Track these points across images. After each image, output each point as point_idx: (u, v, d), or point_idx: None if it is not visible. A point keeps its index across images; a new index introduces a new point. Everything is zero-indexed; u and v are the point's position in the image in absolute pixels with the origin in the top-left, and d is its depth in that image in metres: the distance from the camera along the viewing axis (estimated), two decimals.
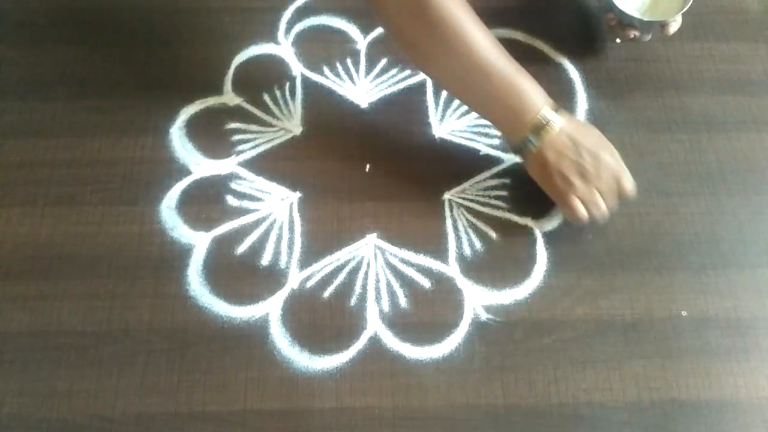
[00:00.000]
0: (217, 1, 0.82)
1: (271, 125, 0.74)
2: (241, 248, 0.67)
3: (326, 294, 0.65)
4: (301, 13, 0.82)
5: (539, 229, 0.69)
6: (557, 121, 0.62)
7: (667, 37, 0.75)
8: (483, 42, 0.61)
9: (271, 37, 0.80)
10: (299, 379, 0.61)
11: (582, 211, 0.63)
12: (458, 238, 0.68)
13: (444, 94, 0.77)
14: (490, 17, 0.76)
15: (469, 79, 0.62)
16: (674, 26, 0.74)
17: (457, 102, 0.76)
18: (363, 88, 0.77)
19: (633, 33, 0.75)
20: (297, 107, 0.75)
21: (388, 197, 0.70)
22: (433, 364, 0.62)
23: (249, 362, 0.61)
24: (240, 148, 0.72)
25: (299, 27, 0.81)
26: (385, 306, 0.64)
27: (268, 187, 0.70)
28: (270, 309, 0.64)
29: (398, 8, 0.60)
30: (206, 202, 0.69)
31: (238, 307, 0.64)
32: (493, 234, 0.68)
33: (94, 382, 0.60)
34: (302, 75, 0.77)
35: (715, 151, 0.74)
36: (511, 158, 0.73)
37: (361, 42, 0.80)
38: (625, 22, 0.75)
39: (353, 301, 0.64)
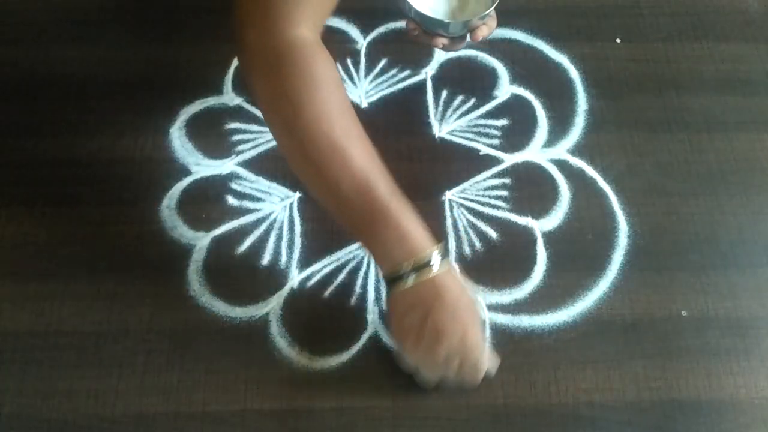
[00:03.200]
0: (217, 1, 0.82)
1: None
2: (241, 248, 0.67)
3: (326, 294, 0.65)
4: None
5: (539, 229, 0.69)
6: (439, 267, 0.53)
7: (476, 42, 0.67)
8: (361, 162, 0.52)
9: None
10: (299, 379, 0.61)
11: (417, 372, 0.57)
12: (458, 238, 0.68)
13: (444, 94, 0.77)
14: None
15: (343, 201, 0.53)
16: (485, 30, 0.66)
17: (457, 102, 0.76)
18: (363, 88, 0.77)
19: (441, 41, 0.66)
20: None
21: None
22: None
23: (249, 362, 0.61)
24: (240, 148, 0.72)
25: None
26: (385, 306, 0.64)
27: (268, 187, 0.70)
28: (270, 309, 0.64)
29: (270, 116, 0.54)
30: (206, 202, 0.69)
31: (238, 307, 0.64)
32: (493, 234, 0.68)
33: (94, 382, 0.60)
34: None
35: (715, 151, 0.74)
36: (511, 158, 0.73)
37: (361, 42, 0.80)
38: (426, 27, 0.66)
39: (353, 301, 0.64)
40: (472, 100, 0.76)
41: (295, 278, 0.65)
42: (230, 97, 0.75)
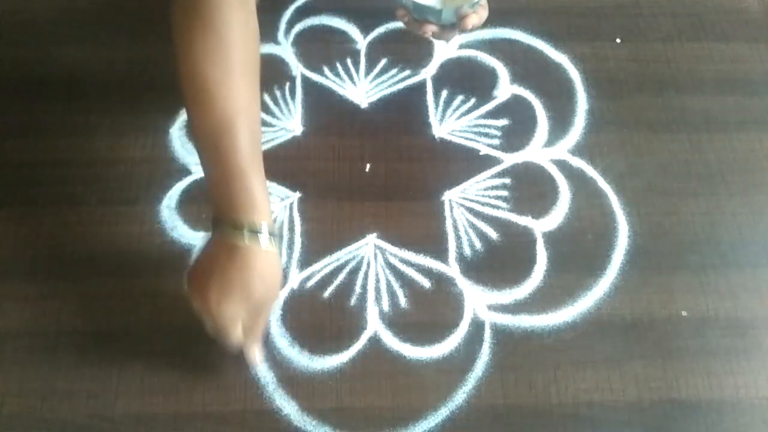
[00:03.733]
0: None
1: (271, 125, 0.74)
2: None
3: (326, 294, 0.65)
4: (301, 13, 0.82)
5: (539, 229, 0.69)
6: (264, 243, 0.53)
7: (465, 31, 0.66)
8: (228, 109, 0.54)
9: (271, 37, 0.80)
10: (299, 379, 0.61)
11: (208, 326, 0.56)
12: (458, 238, 0.68)
13: (444, 94, 0.77)
14: (490, 17, 0.77)
15: (202, 139, 0.56)
16: (474, 18, 0.66)
17: (457, 102, 0.76)
18: (363, 88, 0.77)
19: (431, 29, 0.66)
20: (297, 107, 0.75)
21: (388, 197, 0.70)
22: (433, 364, 0.62)
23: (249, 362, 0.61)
24: None
25: (299, 27, 0.81)
26: (385, 306, 0.64)
27: (268, 187, 0.70)
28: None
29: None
30: (206, 202, 0.68)
31: None
32: (493, 234, 0.68)
33: (94, 382, 0.60)
34: (302, 75, 0.77)
35: (715, 151, 0.74)
36: (511, 158, 0.73)
37: (361, 42, 0.80)
38: (416, 15, 0.67)
39: (353, 301, 0.64)
40: (472, 100, 0.77)
41: (295, 278, 0.65)
42: None
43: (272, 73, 0.77)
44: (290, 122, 0.74)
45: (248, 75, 0.57)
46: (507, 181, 0.72)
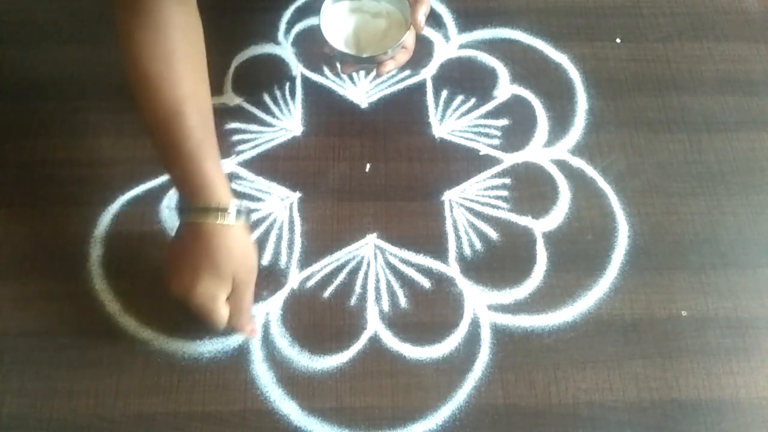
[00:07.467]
0: (217, 1, 0.82)
1: (271, 125, 0.74)
2: None
3: (326, 294, 0.65)
4: (301, 13, 0.82)
5: (539, 229, 0.69)
6: (232, 221, 0.55)
7: (381, 75, 0.68)
8: (176, 95, 0.56)
9: (271, 37, 0.80)
10: (299, 379, 0.61)
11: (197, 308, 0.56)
12: (458, 238, 0.68)
13: (444, 94, 0.77)
14: (490, 17, 0.77)
15: (154, 129, 0.57)
16: (391, 64, 0.67)
17: (457, 102, 0.76)
18: (363, 88, 0.77)
19: (350, 69, 0.70)
20: (297, 107, 0.75)
21: (388, 197, 0.70)
22: (433, 364, 0.62)
23: (249, 362, 0.61)
24: (240, 148, 0.72)
25: (299, 27, 0.81)
26: (385, 306, 0.64)
27: (268, 187, 0.70)
28: (270, 309, 0.64)
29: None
30: None
31: None
32: (493, 234, 0.68)
33: (94, 382, 0.60)
34: (302, 75, 0.77)
35: (715, 151, 0.74)
36: (511, 158, 0.73)
37: None
38: (337, 58, 0.70)
39: (353, 301, 0.64)
40: (472, 100, 0.77)
41: (295, 278, 0.65)
42: (230, 97, 0.75)
43: (272, 73, 0.77)
44: (290, 122, 0.74)
45: (191, 67, 0.58)
46: (507, 181, 0.72)
